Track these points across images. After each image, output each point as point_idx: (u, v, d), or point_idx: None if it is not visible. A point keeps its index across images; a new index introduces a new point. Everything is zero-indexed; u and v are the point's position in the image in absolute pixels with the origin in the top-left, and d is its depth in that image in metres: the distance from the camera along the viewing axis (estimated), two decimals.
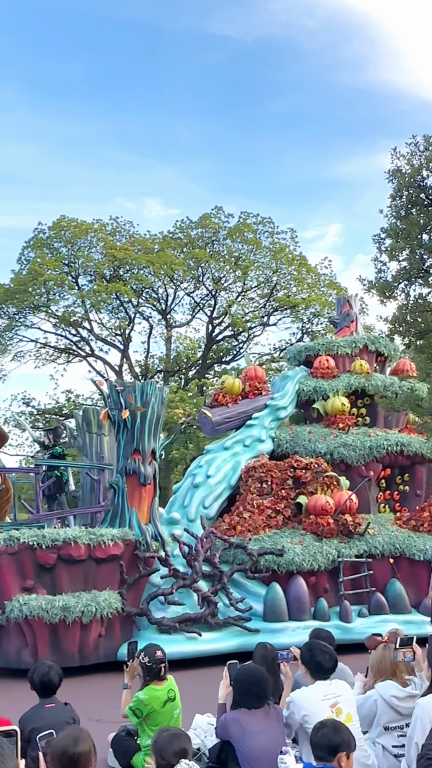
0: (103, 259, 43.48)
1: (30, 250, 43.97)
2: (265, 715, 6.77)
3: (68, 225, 43.81)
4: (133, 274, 43.84)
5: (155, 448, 16.62)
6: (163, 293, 45.69)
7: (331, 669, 6.99)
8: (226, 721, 6.85)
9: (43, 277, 42.09)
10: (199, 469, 18.27)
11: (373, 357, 21.52)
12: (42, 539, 14.86)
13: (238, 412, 19.29)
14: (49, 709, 6.81)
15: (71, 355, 45.01)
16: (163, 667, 7.95)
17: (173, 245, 44.92)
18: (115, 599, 15.15)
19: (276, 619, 16.13)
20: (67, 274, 43.67)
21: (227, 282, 45.66)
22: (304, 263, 45.18)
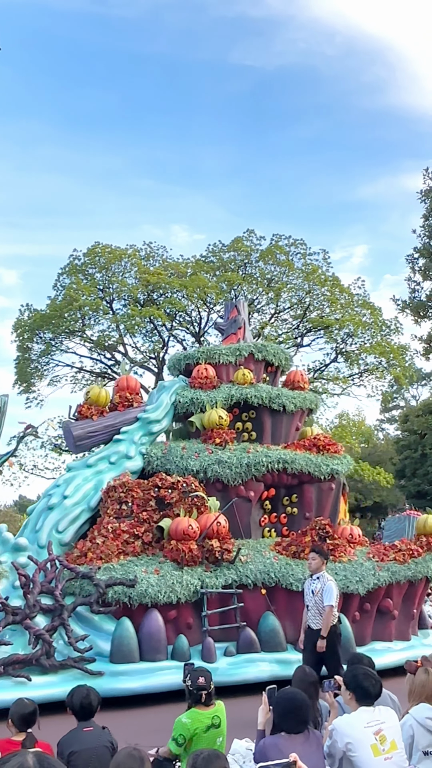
0: (136, 283, 41.25)
1: (65, 276, 42.09)
2: (305, 740, 6.21)
3: (102, 251, 41.70)
4: (167, 298, 41.38)
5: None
6: (197, 316, 43.17)
7: (376, 695, 6.41)
8: (265, 746, 6.24)
9: (78, 303, 40.06)
10: (56, 489, 15.20)
11: (262, 366, 18.11)
12: None
13: (105, 425, 16.14)
14: (87, 733, 6.52)
15: (107, 379, 42.38)
16: (204, 694, 7.22)
17: (206, 269, 42.40)
18: None
19: (124, 660, 13.18)
20: (102, 299, 41.59)
21: (260, 304, 42.82)
22: (337, 284, 41.96)
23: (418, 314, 39.42)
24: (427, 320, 39.28)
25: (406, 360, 42.73)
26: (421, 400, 57.38)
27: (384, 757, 5.89)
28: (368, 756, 5.86)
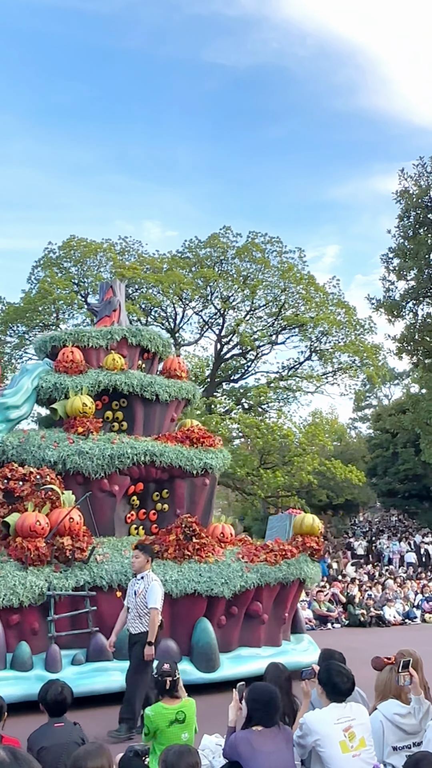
0: (112, 278, 39.40)
1: (40, 269, 40.78)
2: (275, 735, 6.12)
3: (78, 245, 40.29)
4: (142, 293, 39.98)
5: None
6: (172, 312, 41.59)
7: (347, 691, 6.29)
8: (236, 741, 6.13)
9: (52, 296, 38.70)
10: None
11: (137, 352, 16.39)
12: None
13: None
14: (58, 729, 6.33)
15: None
16: (169, 681, 7.16)
17: (182, 264, 40.90)
18: None
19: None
20: (77, 293, 40.14)
21: (235, 301, 41.19)
22: (312, 282, 40.38)
23: (392, 313, 37.57)
24: (400, 320, 37.41)
25: (379, 359, 41.25)
26: (393, 399, 56.04)
27: (352, 754, 5.85)
28: (336, 752, 5.83)
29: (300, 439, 37.97)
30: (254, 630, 13.94)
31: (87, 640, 12.50)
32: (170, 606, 12.96)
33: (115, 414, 15.41)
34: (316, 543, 14.76)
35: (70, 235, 40.80)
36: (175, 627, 13.16)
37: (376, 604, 25.82)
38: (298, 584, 14.42)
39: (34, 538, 12.60)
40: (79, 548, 12.87)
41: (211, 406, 38.66)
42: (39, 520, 12.70)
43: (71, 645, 12.46)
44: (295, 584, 14.29)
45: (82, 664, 12.35)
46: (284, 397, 41.46)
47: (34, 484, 13.24)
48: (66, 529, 12.88)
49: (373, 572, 33.69)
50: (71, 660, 12.36)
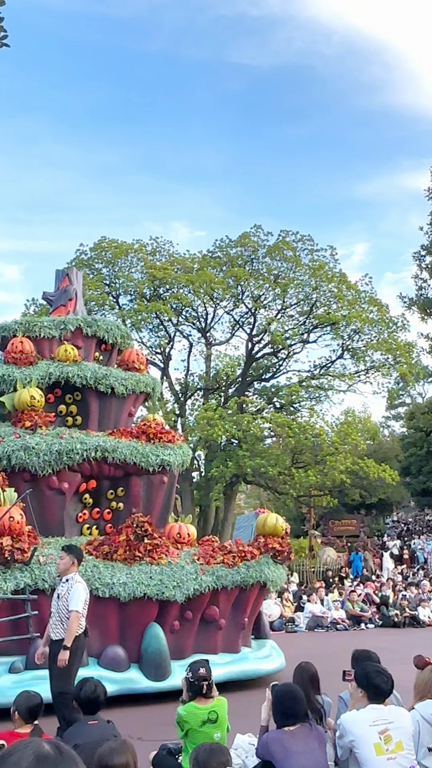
0: (143, 278, 38.97)
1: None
2: (307, 735, 6.02)
3: (109, 246, 39.53)
4: (173, 293, 38.95)
5: None
6: (203, 312, 40.51)
7: (388, 692, 6.07)
8: (268, 740, 6.02)
9: (84, 297, 37.61)
10: None
11: (93, 344, 15.31)
12: None
13: None
14: (92, 726, 6.20)
15: None
16: (205, 685, 6.96)
17: (212, 264, 39.82)
18: None
19: None
20: (108, 294, 39.47)
21: (266, 300, 39.94)
22: (344, 280, 38.91)
23: (425, 311, 36.16)
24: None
25: (412, 357, 39.61)
26: (427, 398, 53.93)
27: (387, 757, 5.70)
28: (370, 754, 5.70)
29: (332, 438, 36.65)
30: (210, 636, 12.94)
31: (27, 647, 11.53)
32: (119, 610, 12.13)
33: (68, 408, 14.46)
34: (279, 544, 13.64)
35: (101, 237, 40.12)
36: (124, 632, 12.23)
37: (410, 604, 24.62)
38: (259, 587, 13.24)
39: None
40: (19, 549, 11.93)
41: (242, 405, 37.59)
42: None
43: (10, 651, 11.55)
44: (255, 588, 13.21)
45: (21, 672, 11.41)
46: (316, 396, 40.13)
47: None
48: (5, 529, 11.94)
49: (407, 572, 32.23)
50: (9, 667, 11.44)
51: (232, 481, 37.42)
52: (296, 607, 24.95)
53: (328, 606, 24.40)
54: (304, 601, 24.97)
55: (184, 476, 38.81)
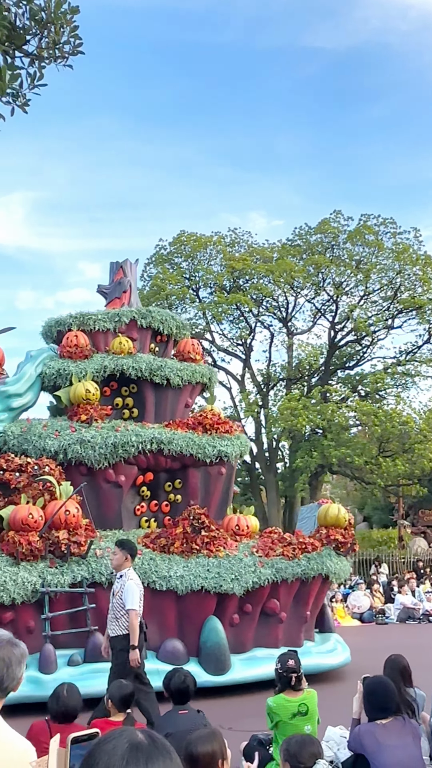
0: (222, 270, 38.77)
1: (152, 266, 40.20)
2: (400, 728, 5.85)
3: (188, 239, 39.47)
4: (253, 283, 38.57)
5: None
6: (284, 301, 39.98)
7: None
8: (360, 734, 5.91)
9: (165, 292, 38.09)
10: None
11: (148, 335, 15.11)
12: None
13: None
14: (182, 716, 6.37)
15: None
16: (294, 676, 6.95)
17: (292, 252, 39.31)
18: None
19: None
20: (188, 287, 39.35)
21: (348, 286, 39.18)
22: (430, 262, 37.65)
23: None
24: None
25: None
26: None
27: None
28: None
29: (420, 425, 35.70)
30: (271, 630, 12.64)
31: (85, 640, 11.49)
32: (176, 603, 12.00)
33: (125, 400, 14.36)
34: (342, 536, 13.23)
35: (180, 231, 40.04)
36: (183, 626, 12.08)
37: None
38: (321, 580, 12.88)
39: (26, 532, 11.75)
40: (76, 542, 11.91)
41: (326, 394, 36.95)
42: (32, 513, 11.82)
43: (68, 644, 11.51)
44: (317, 580, 12.87)
45: (79, 664, 11.37)
46: (402, 382, 39.13)
47: (31, 476, 12.32)
48: (62, 522, 11.93)
49: None
50: (67, 660, 11.41)
51: (317, 472, 36.92)
52: (386, 599, 24.43)
53: (419, 597, 23.87)
54: (394, 592, 24.43)
55: (269, 467, 38.57)
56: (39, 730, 6.08)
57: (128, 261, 16.16)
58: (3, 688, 3.51)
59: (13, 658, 3.53)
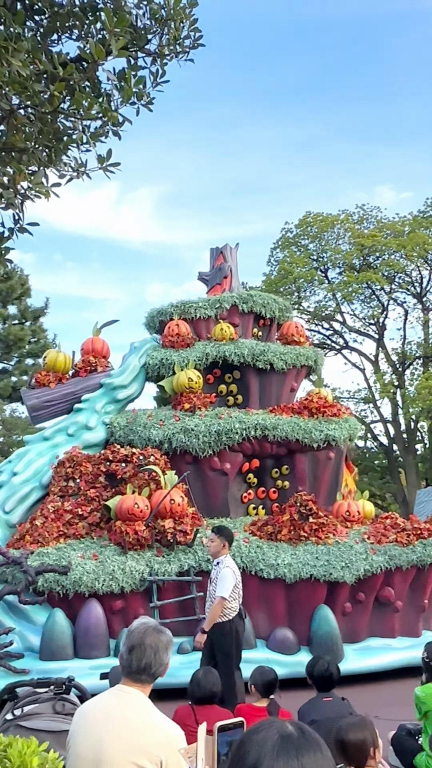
0: (351, 249, 37.91)
1: (278, 250, 39.77)
2: None
3: (314, 220, 38.82)
4: (384, 260, 37.59)
5: None
6: (417, 276, 38.66)
7: None
8: None
9: (293, 275, 37.69)
10: (7, 465, 13.19)
11: (250, 320, 14.73)
12: None
13: (64, 393, 13.80)
14: (327, 703, 6.42)
15: (326, 350, 39.19)
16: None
17: (425, 224, 38.05)
18: None
19: (53, 657, 10.98)
20: (316, 269, 38.70)
21: None
22: None
23: None
24: None
25: None
26: None
27: None
28: None
29: None
30: (386, 619, 12.18)
31: (194, 628, 11.41)
32: (285, 592, 11.74)
33: (228, 387, 14.14)
34: None
35: (306, 212, 39.36)
36: (293, 615, 11.83)
37: None
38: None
39: (132, 522, 11.77)
40: (181, 531, 11.83)
41: None
42: (137, 502, 11.82)
43: (177, 632, 11.41)
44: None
45: (188, 652, 11.30)
46: None
47: (136, 466, 12.30)
48: (167, 512, 11.86)
49: None
50: (177, 648, 11.33)
51: None
52: None
53: None
54: None
55: (407, 449, 37.54)
56: (184, 714, 6.17)
57: (228, 246, 15.91)
58: (151, 674, 3.65)
59: (160, 645, 3.66)
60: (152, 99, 4.83)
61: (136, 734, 3.46)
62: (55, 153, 4.65)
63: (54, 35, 4.91)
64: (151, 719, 3.57)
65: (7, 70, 3.98)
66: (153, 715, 3.61)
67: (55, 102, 4.33)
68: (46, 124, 4.47)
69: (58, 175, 4.73)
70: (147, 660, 3.64)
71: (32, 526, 12.18)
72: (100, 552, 11.65)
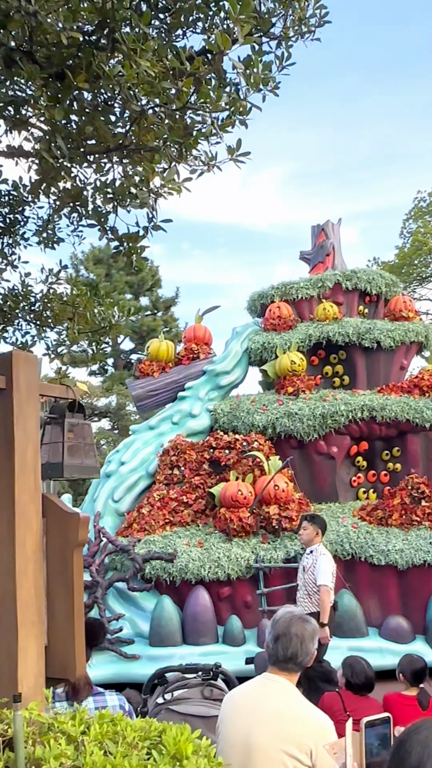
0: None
1: (411, 221, 38.42)
2: None
3: None
4: None
5: None
6: None
7: None
8: None
9: (427, 247, 36.48)
10: (115, 455, 13.30)
11: (355, 297, 14.15)
12: None
13: (167, 382, 13.71)
14: None
15: None
16: None
17: None
18: None
19: (161, 643, 11.05)
20: None
21: None
22: None
23: None
24: None
25: None
26: None
27: None
28: None
29: None
30: None
31: None
32: (398, 579, 11.33)
33: (334, 368, 13.73)
34: None
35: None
36: (406, 602, 11.42)
37: None
38: None
39: (237, 509, 11.65)
40: (287, 517, 11.62)
41: None
42: (241, 489, 11.70)
43: None
44: None
45: None
46: None
47: (239, 452, 12.16)
48: (272, 498, 11.67)
49: None
50: None
51: None
52: None
53: None
54: None
55: None
56: (331, 701, 6.10)
57: (330, 222, 15.44)
58: (298, 663, 3.65)
59: (305, 634, 3.67)
60: (278, 83, 4.76)
61: (285, 723, 3.46)
62: (186, 148, 4.72)
63: (179, 31, 4.97)
64: (300, 708, 3.57)
65: (135, 72, 4.06)
66: (301, 704, 3.62)
67: (183, 98, 4.39)
68: (176, 121, 4.54)
69: (189, 170, 4.77)
70: (293, 649, 3.64)
71: (139, 515, 12.23)
72: (205, 539, 11.58)
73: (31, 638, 3.08)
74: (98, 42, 4.29)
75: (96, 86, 4.36)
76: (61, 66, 4.26)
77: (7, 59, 4.28)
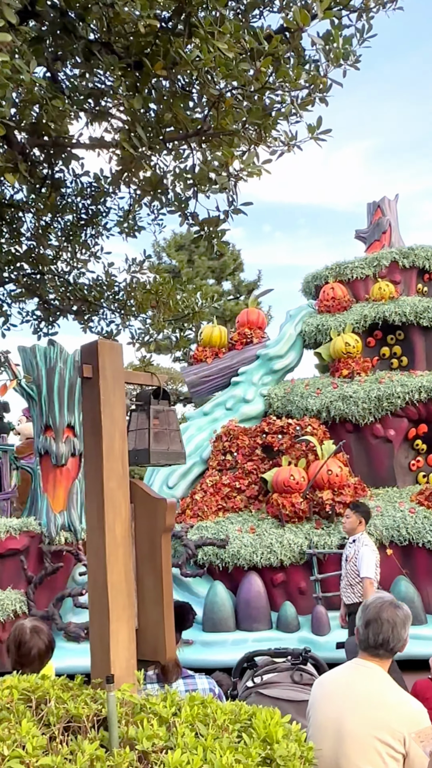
0: None
1: None
2: None
3: None
4: None
5: (72, 421, 12.22)
6: None
7: None
8: None
9: None
10: None
11: (413, 275, 13.68)
12: None
13: (221, 368, 13.53)
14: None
15: None
16: None
17: None
18: (17, 600, 11.20)
19: (214, 629, 11.02)
20: None
21: None
22: None
23: None
24: None
25: None
26: None
27: None
28: None
29: None
30: None
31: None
32: None
33: (392, 349, 13.34)
34: None
35: None
36: None
37: None
38: None
39: (289, 494, 11.45)
40: (341, 502, 11.35)
41: None
42: (293, 474, 11.49)
43: (334, 607, 11.02)
44: None
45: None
46: None
47: (292, 437, 11.95)
48: (325, 483, 11.42)
49: None
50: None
51: None
52: None
53: None
54: None
55: None
56: (424, 687, 5.98)
57: (386, 198, 15.03)
58: (389, 649, 3.55)
59: (397, 620, 3.57)
60: (359, 57, 4.60)
61: (377, 709, 3.39)
62: (265, 130, 4.62)
63: (255, 11, 4.87)
64: (393, 695, 3.48)
65: (213, 56, 3.99)
66: (394, 690, 3.52)
67: (261, 78, 4.28)
68: (254, 103, 4.45)
69: (268, 151, 4.68)
70: (384, 635, 3.55)
71: (192, 501, 12.12)
72: (258, 525, 11.42)
73: (122, 621, 3.22)
74: (175, 28, 4.26)
75: (174, 73, 4.34)
76: (139, 55, 4.26)
77: (86, 52, 4.31)
